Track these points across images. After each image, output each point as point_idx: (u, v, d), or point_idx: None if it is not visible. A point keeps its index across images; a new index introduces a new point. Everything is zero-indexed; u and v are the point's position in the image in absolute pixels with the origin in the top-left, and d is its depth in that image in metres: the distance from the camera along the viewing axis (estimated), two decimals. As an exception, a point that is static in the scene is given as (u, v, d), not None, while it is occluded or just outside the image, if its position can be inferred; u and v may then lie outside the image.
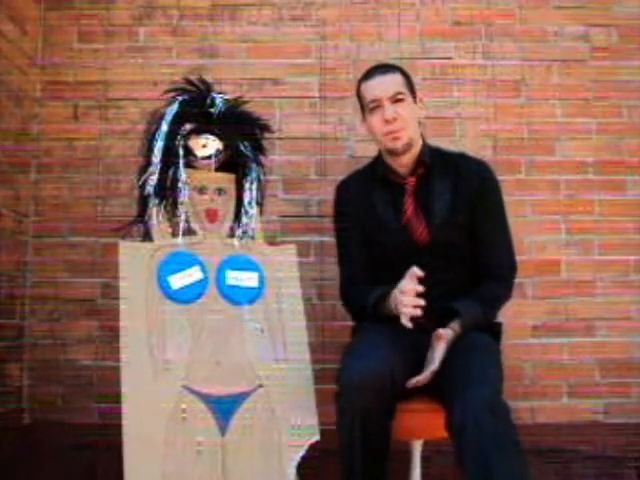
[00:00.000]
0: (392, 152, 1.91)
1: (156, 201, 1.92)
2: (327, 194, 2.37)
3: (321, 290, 2.46)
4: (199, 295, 1.89)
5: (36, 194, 2.52)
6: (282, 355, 1.90)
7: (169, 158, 1.92)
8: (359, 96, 1.95)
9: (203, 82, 2.05)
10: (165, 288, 1.86)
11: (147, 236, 1.92)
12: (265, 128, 2.11)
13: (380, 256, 1.96)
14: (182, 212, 1.93)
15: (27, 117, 2.51)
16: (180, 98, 1.99)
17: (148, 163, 1.93)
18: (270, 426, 1.81)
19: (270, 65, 2.59)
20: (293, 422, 1.83)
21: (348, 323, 2.08)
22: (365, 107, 1.92)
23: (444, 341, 1.71)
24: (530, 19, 2.63)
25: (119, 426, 1.68)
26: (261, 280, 1.97)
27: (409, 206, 1.92)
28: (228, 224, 2.02)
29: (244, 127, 2.04)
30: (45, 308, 2.46)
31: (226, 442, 1.76)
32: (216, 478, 1.73)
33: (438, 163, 1.95)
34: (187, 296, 1.88)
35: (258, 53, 2.60)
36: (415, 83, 1.96)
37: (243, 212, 2.01)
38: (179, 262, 1.90)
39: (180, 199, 1.93)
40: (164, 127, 1.93)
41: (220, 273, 1.93)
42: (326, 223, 2.37)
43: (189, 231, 1.95)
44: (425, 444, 1.93)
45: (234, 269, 1.95)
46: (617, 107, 2.59)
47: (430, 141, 2.00)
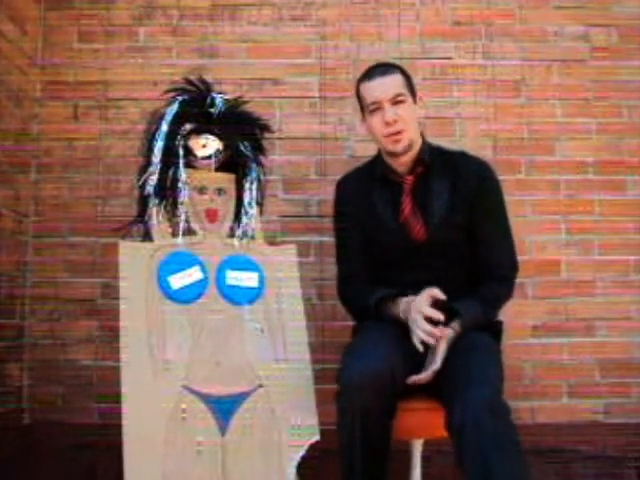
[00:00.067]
0: (392, 154, 1.91)
1: (156, 201, 1.92)
2: (327, 194, 2.37)
3: (321, 290, 2.46)
4: (199, 295, 1.89)
5: (36, 194, 2.52)
6: (282, 355, 1.90)
7: (169, 158, 1.92)
8: (359, 96, 1.95)
9: (203, 82, 2.05)
10: (165, 288, 1.86)
11: (147, 236, 1.92)
12: (265, 128, 2.11)
13: (379, 255, 1.96)
14: (182, 212, 1.93)
15: (27, 117, 2.51)
16: (180, 98, 1.99)
17: (148, 163, 1.93)
18: (270, 426, 1.81)
19: (270, 65, 2.59)
20: (293, 422, 1.83)
21: (348, 323, 2.08)
22: (365, 108, 1.92)
23: (445, 340, 1.72)
24: (530, 19, 2.62)
25: (119, 426, 1.68)
26: (261, 280, 1.97)
27: (406, 205, 1.92)
28: (228, 224, 2.02)
29: (244, 127, 2.04)
30: (45, 308, 2.46)
31: (226, 442, 1.76)
32: (216, 478, 1.73)
33: (438, 162, 1.95)
34: (187, 296, 1.88)
35: (258, 53, 2.60)
36: (415, 83, 1.96)
37: (243, 212, 2.01)
38: (179, 262, 1.90)
39: (180, 199, 1.93)
40: (164, 127, 1.93)
41: (220, 273, 1.93)
42: (326, 223, 2.37)
43: (189, 231, 1.95)
44: (425, 444, 1.93)
45: (234, 269, 1.95)
46: (617, 107, 2.59)
47: (430, 141, 2.00)
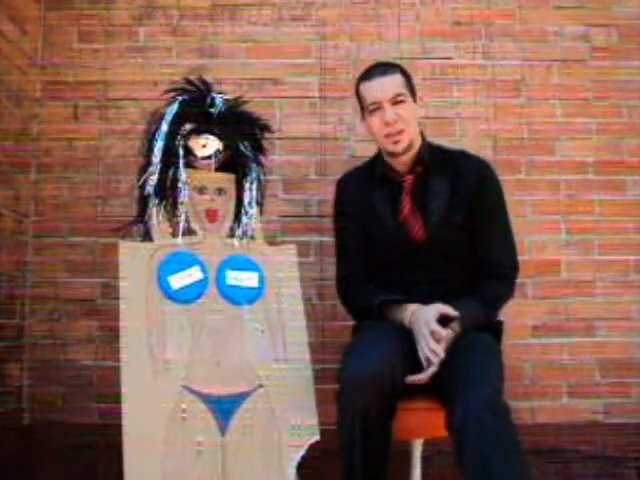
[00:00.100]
0: (392, 154, 1.91)
1: (156, 201, 1.92)
2: (327, 194, 2.37)
3: (321, 290, 2.46)
4: (199, 295, 1.89)
5: (36, 194, 2.52)
6: (282, 355, 1.90)
7: (169, 158, 1.92)
8: (358, 96, 1.95)
9: (203, 82, 2.05)
10: (165, 288, 1.86)
11: (147, 236, 1.92)
12: (265, 128, 2.11)
13: (379, 254, 1.96)
14: (182, 212, 1.93)
15: (27, 117, 2.51)
16: (180, 98, 1.99)
17: (148, 163, 1.93)
18: (270, 426, 1.81)
19: (270, 65, 2.59)
20: (293, 422, 1.83)
21: (348, 323, 2.08)
22: (365, 108, 1.92)
23: (444, 342, 1.71)
24: (530, 19, 2.62)
25: (119, 426, 1.68)
26: (261, 280, 1.97)
27: (406, 204, 1.92)
28: (228, 224, 2.02)
29: (244, 127, 2.04)
30: (45, 308, 2.46)
31: (226, 442, 1.76)
32: (216, 478, 1.73)
33: (437, 161, 1.94)
34: (187, 296, 1.87)
35: (258, 53, 2.60)
36: (415, 82, 1.96)
37: (243, 212, 2.01)
38: (179, 262, 1.90)
39: (180, 199, 1.92)
40: (164, 127, 1.93)
41: (220, 273, 1.93)
42: (326, 223, 2.37)
43: (189, 231, 1.95)
44: (425, 444, 1.93)
45: (234, 269, 1.95)
46: (617, 107, 2.59)
47: (430, 140, 2.00)
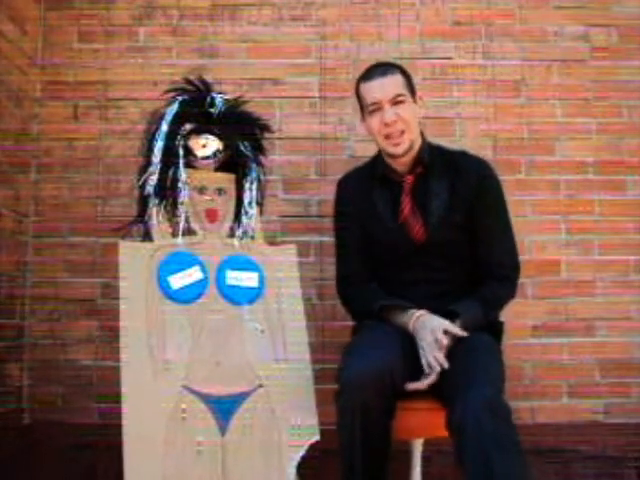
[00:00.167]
0: (392, 155, 1.91)
1: (156, 201, 1.92)
2: (327, 194, 2.37)
3: (321, 290, 2.46)
4: (199, 295, 1.89)
5: (36, 194, 2.52)
6: (282, 355, 1.90)
7: (169, 158, 1.92)
8: (358, 96, 1.95)
9: (203, 82, 2.05)
10: (165, 288, 1.86)
11: (147, 236, 1.93)
12: (265, 128, 2.11)
13: (379, 255, 1.96)
14: (182, 212, 1.93)
15: (27, 117, 2.51)
16: (180, 98, 1.99)
17: (148, 163, 1.93)
18: (270, 426, 1.81)
19: (270, 65, 2.59)
20: (293, 422, 1.83)
21: (348, 323, 2.08)
22: (365, 108, 1.91)
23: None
24: (530, 19, 2.62)
25: (119, 426, 1.68)
26: (261, 280, 1.97)
27: (406, 205, 1.92)
28: (228, 224, 2.02)
29: (244, 127, 2.04)
30: (45, 308, 2.46)
31: (226, 442, 1.76)
32: (216, 478, 1.73)
33: (437, 162, 1.94)
34: (187, 296, 1.87)
35: (258, 53, 2.60)
36: (415, 83, 1.96)
37: (243, 212, 2.01)
38: (179, 262, 1.90)
39: (180, 199, 1.93)
40: (164, 127, 1.93)
41: (220, 273, 1.93)
42: (326, 223, 2.37)
43: (189, 231, 1.95)
44: (425, 444, 1.93)
45: (234, 269, 1.95)
46: (617, 107, 2.59)
47: (430, 140, 2.00)
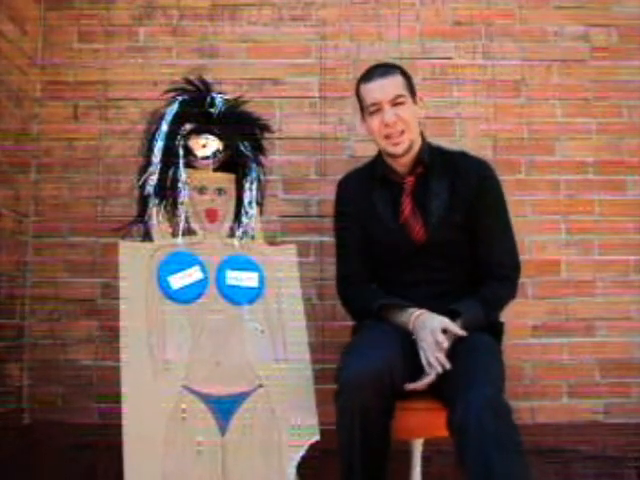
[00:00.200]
0: (392, 156, 1.91)
1: (156, 201, 1.92)
2: (327, 194, 2.37)
3: (321, 290, 2.46)
4: (199, 295, 1.89)
5: (36, 194, 2.52)
6: (282, 355, 1.90)
7: (169, 158, 1.92)
8: (358, 97, 1.95)
9: (203, 82, 2.05)
10: (165, 288, 1.86)
11: (147, 236, 1.93)
12: (265, 128, 2.11)
13: (379, 255, 1.96)
14: (182, 212, 1.93)
15: (27, 117, 2.50)
16: (180, 98, 1.99)
17: (148, 163, 1.93)
18: (270, 426, 1.81)
19: (270, 65, 2.59)
20: (293, 422, 1.83)
21: (348, 323, 2.08)
22: (365, 109, 1.91)
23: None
24: (530, 19, 2.62)
25: (119, 426, 1.68)
26: (261, 280, 1.97)
27: (406, 206, 1.92)
28: (228, 224, 2.02)
29: (244, 127, 2.04)
30: (45, 308, 2.46)
31: (226, 442, 1.76)
32: (216, 478, 1.73)
33: (438, 162, 1.94)
34: (187, 296, 1.88)
35: (258, 53, 2.60)
36: (415, 83, 1.96)
37: (243, 212, 2.01)
38: (179, 262, 1.90)
39: (180, 199, 1.93)
40: (164, 127, 1.93)
41: (220, 273, 1.93)
42: (326, 223, 2.37)
43: (189, 231, 1.95)
44: (425, 444, 1.93)
45: (234, 269, 1.95)
46: (617, 107, 2.59)
47: (430, 141, 2.00)
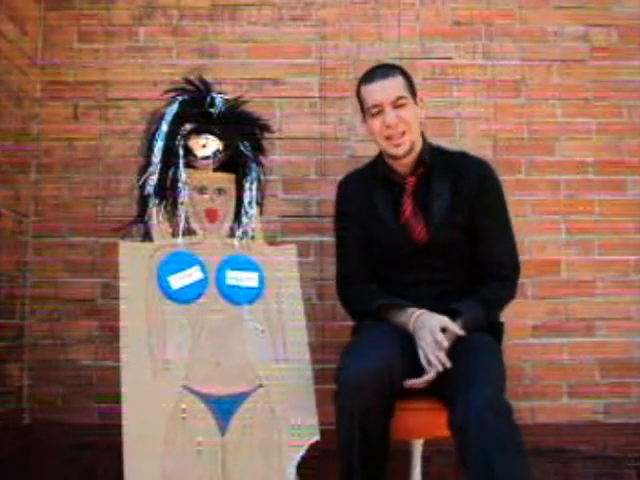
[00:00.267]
0: (394, 157, 1.91)
1: (156, 201, 1.92)
2: (327, 194, 2.37)
3: (321, 290, 2.46)
4: (199, 295, 1.89)
5: (36, 194, 2.52)
6: (282, 355, 1.90)
7: (169, 158, 1.92)
8: (359, 97, 1.94)
9: (203, 82, 2.05)
10: (165, 288, 1.86)
11: (147, 236, 1.93)
12: (265, 128, 2.11)
13: (379, 255, 1.96)
14: (182, 212, 1.93)
15: (27, 117, 2.51)
16: (180, 98, 1.99)
17: (148, 163, 1.93)
18: (270, 426, 1.81)
19: (270, 65, 2.59)
20: (293, 422, 1.83)
21: (348, 323, 2.08)
22: (366, 110, 1.91)
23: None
24: (530, 19, 2.62)
25: (119, 426, 1.68)
26: (261, 280, 1.97)
27: (408, 206, 1.92)
28: (228, 224, 2.02)
29: (244, 127, 2.04)
30: (45, 308, 2.46)
31: (226, 442, 1.76)
32: (216, 478, 1.73)
33: (438, 163, 1.94)
34: (187, 296, 1.88)
35: (258, 53, 2.60)
36: (415, 83, 1.96)
37: (243, 212, 2.01)
38: (179, 262, 1.90)
39: (180, 199, 1.93)
40: (164, 127, 1.93)
41: (220, 273, 1.93)
42: (326, 223, 2.37)
43: (189, 231, 1.95)
44: (425, 443, 1.93)
45: (234, 269, 1.95)
46: (617, 107, 2.59)
47: (430, 141, 2.00)
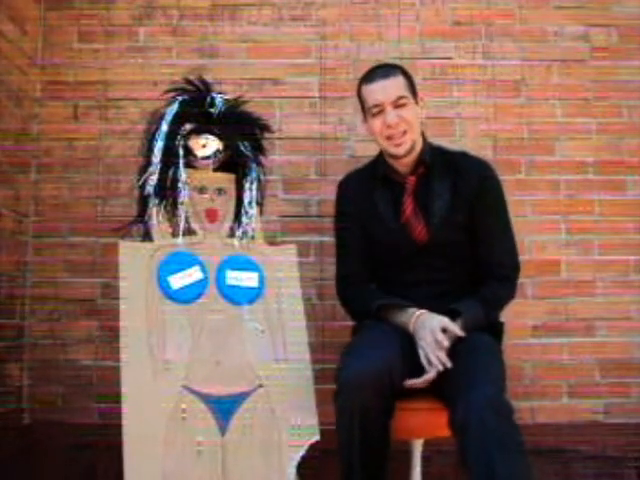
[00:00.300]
0: (394, 156, 1.91)
1: (156, 201, 1.92)
2: (327, 194, 2.37)
3: (321, 290, 2.46)
4: (199, 295, 1.89)
5: (36, 194, 2.52)
6: (282, 355, 1.90)
7: (169, 158, 1.92)
8: (360, 97, 1.94)
9: (203, 82, 2.05)
10: (165, 288, 1.86)
11: (147, 236, 1.93)
12: (265, 128, 2.11)
13: (379, 255, 1.96)
14: (182, 212, 1.93)
15: (27, 117, 2.50)
16: (180, 98, 1.99)
17: (148, 163, 1.93)
18: (270, 426, 1.81)
19: (270, 65, 2.59)
20: (293, 422, 1.83)
21: (348, 323, 2.08)
22: (367, 110, 1.91)
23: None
24: (530, 19, 2.62)
25: (119, 426, 1.68)
26: (261, 280, 1.97)
27: (408, 205, 1.92)
28: (228, 224, 2.02)
29: (244, 127, 2.04)
30: (45, 308, 2.46)
31: (226, 442, 1.76)
32: (216, 478, 1.73)
33: (439, 162, 1.94)
34: (187, 296, 1.88)
35: (258, 53, 2.60)
36: (416, 82, 1.96)
37: (243, 212, 2.01)
38: (179, 262, 1.90)
39: (180, 199, 1.93)
40: (164, 127, 1.93)
41: (220, 273, 1.93)
42: (326, 223, 2.37)
43: (189, 231, 1.95)
44: (425, 443, 1.93)
45: (234, 269, 1.95)
46: (617, 107, 2.59)
47: (431, 141, 2.00)
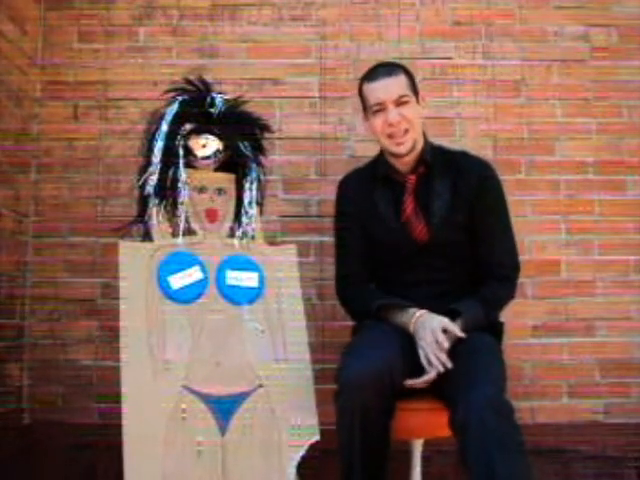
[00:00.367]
0: (395, 155, 1.91)
1: (156, 201, 1.92)
2: (327, 194, 2.37)
3: (321, 290, 2.46)
4: (199, 295, 1.89)
5: (36, 194, 2.52)
6: (282, 355, 1.90)
7: (169, 158, 1.92)
8: (361, 96, 1.94)
9: (203, 82, 2.05)
10: (165, 288, 1.86)
11: (147, 236, 1.93)
12: (265, 128, 2.11)
13: (380, 255, 1.96)
14: (182, 212, 1.93)
15: (27, 117, 2.50)
16: (180, 98, 1.99)
17: (148, 163, 1.93)
18: (270, 426, 1.81)
19: (270, 65, 2.59)
20: (293, 422, 1.83)
21: (348, 323, 2.08)
22: (368, 108, 1.91)
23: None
24: (530, 19, 2.62)
25: (119, 426, 1.68)
26: (261, 280, 1.97)
27: (409, 205, 1.92)
28: (228, 224, 2.02)
29: (244, 127, 2.04)
30: (45, 308, 2.46)
31: (226, 442, 1.76)
32: (216, 478, 1.73)
33: (439, 162, 1.94)
34: (187, 296, 1.88)
35: (258, 53, 2.60)
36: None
37: (243, 212, 2.01)
38: (179, 262, 1.90)
39: (180, 199, 1.93)
40: (164, 127, 1.93)
41: (220, 273, 1.93)
42: (326, 223, 2.37)
43: (189, 231, 1.95)
44: (425, 443, 1.93)
45: (234, 269, 1.95)
46: (617, 107, 2.59)
47: (431, 140, 2.00)
